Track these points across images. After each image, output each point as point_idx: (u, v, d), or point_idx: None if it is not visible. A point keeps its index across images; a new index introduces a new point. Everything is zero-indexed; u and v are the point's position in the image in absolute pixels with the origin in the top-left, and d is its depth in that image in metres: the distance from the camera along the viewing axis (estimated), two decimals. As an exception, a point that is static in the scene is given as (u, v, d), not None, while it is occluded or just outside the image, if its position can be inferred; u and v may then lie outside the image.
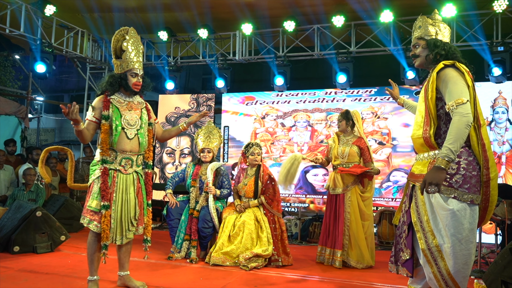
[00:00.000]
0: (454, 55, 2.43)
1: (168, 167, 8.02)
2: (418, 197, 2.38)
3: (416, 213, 2.38)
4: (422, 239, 2.33)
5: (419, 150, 2.46)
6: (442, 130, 2.36)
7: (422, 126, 2.39)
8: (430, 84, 2.36)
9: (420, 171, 2.39)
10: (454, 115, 2.23)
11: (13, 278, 3.53)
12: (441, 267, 2.27)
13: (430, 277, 2.33)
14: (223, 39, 7.76)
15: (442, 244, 2.27)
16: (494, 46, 6.20)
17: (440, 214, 2.28)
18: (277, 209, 4.53)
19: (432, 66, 2.49)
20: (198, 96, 8.13)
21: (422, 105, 2.43)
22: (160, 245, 5.15)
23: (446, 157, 2.16)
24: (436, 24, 2.51)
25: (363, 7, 6.41)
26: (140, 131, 3.21)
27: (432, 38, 2.48)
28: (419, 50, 2.52)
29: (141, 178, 3.28)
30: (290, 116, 7.48)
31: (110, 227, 3.06)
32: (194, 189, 4.65)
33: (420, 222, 2.35)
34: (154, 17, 7.19)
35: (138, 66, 3.21)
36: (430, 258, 2.30)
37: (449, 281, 2.26)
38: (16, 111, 8.87)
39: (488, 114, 6.40)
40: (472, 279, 3.87)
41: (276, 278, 3.85)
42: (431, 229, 2.30)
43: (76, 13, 7.16)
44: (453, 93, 2.27)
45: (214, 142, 4.78)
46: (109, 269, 3.59)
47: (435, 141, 2.35)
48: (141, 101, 3.33)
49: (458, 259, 2.24)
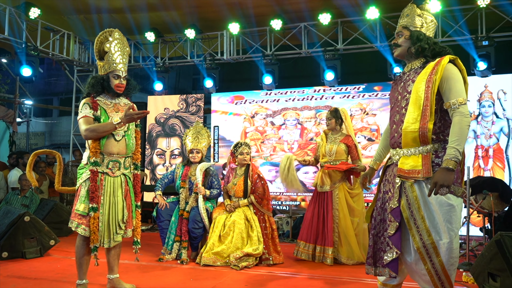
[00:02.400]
0: (442, 50, 2.39)
1: (158, 168, 8.00)
2: (411, 194, 2.32)
3: (408, 210, 2.33)
4: (417, 236, 2.29)
5: (407, 144, 2.35)
6: (437, 125, 2.31)
7: (419, 120, 2.28)
8: (437, 77, 2.26)
9: (413, 166, 2.31)
10: (455, 114, 2.22)
11: (2, 284, 3.50)
12: (435, 263, 2.26)
13: (423, 273, 2.32)
14: (210, 39, 7.75)
15: (438, 240, 2.25)
16: (479, 41, 6.25)
17: (441, 210, 2.25)
18: (267, 208, 4.53)
19: (412, 58, 2.44)
20: (187, 96, 8.11)
21: (420, 97, 2.30)
22: (150, 246, 5.13)
23: (455, 158, 2.15)
24: (424, 16, 2.42)
25: (349, 4, 6.43)
26: (127, 133, 3.19)
27: (417, 30, 2.39)
28: (402, 40, 2.44)
29: (129, 180, 3.25)
30: (279, 115, 7.49)
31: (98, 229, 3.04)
32: (184, 190, 4.65)
33: (414, 220, 2.31)
34: (141, 18, 7.16)
35: (120, 68, 3.16)
36: (425, 255, 2.28)
37: (442, 276, 2.27)
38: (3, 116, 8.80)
39: (475, 108, 6.46)
40: (461, 272, 3.91)
41: (267, 277, 3.86)
42: (426, 226, 2.27)
43: (61, 16, 7.10)
44: (455, 91, 2.24)
45: (202, 143, 4.77)
46: (99, 272, 3.58)
47: (431, 136, 2.30)
48: (127, 103, 3.30)
49: (453, 253, 2.25)
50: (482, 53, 6.22)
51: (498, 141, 6.36)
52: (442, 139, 2.31)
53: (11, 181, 6.36)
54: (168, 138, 8.02)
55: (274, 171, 7.41)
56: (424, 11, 2.43)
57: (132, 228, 3.25)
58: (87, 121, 3.07)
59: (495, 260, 3.00)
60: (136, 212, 3.28)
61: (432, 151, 2.30)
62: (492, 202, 4.45)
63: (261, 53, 7.31)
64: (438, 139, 2.31)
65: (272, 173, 7.42)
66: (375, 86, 6.92)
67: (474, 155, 6.44)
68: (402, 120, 2.38)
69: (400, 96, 2.45)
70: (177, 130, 7.99)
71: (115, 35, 3.19)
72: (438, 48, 2.38)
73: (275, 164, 7.42)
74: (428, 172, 2.26)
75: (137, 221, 3.28)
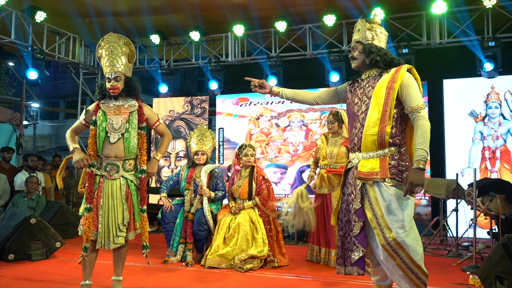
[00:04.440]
0: (392, 59, 2.55)
1: (163, 170, 8.01)
2: (370, 194, 2.45)
3: (371, 210, 2.45)
4: (380, 235, 2.40)
5: (366, 148, 2.48)
6: (393, 130, 2.44)
7: (378, 124, 2.43)
8: (396, 84, 2.43)
9: (371, 168, 2.44)
10: (417, 118, 2.38)
11: (8, 286, 3.52)
12: (403, 257, 2.36)
13: (395, 269, 2.40)
14: (215, 41, 7.77)
15: (398, 235, 2.36)
16: (485, 42, 6.21)
17: (401, 205, 2.39)
18: (272, 210, 4.52)
19: (368, 69, 2.60)
20: (192, 98, 8.12)
21: (379, 103, 2.45)
22: (156, 248, 5.13)
23: (424, 158, 2.32)
24: (373, 28, 2.57)
25: (354, 5, 6.41)
26: (125, 135, 3.17)
27: (368, 43, 2.55)
28: (356, 54, 2.60)
29: (131, 183, 3.20)
30: (284, 116, 7.49)
31: (92, 229, 3.09)
32: (189, 192, 4.65)
33: (376, 219, 2.42)
34: (146, 21, 7.19)
35: (109, 71, 3.18)
36: (391, 252, 2.38)
37: (414, 268, 2.37)
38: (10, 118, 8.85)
39: (482, 109, 6.42)
40: (468, 275, 3.88)
41: (272, 279, 3.85)
42: (386, 223, 2.38)
43: (66, 19, 7.15)
44: (414, 97, 2.41)
45: (207, 144, 4.78)
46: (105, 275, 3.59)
47: (388, 140, 2.44)
48: (133, 104, 3.28)
49: (414, 241, 2.37)
50: (488, 54, 6.18)
51: (505, 142, 6.30)
52: (398, 143, 2.45)
53: (17, 183, 6.40)
54: (173, 140, 8.04)
55: (279, 172, 7.41)
56: (373, 24, 2.59)
57: (133, 231, 3.20)
58: (75, 126, 3.30)
59: (502, 263, 2.98)
60: (141, 216, 3.22)
61: (389, 155, 2.44)
62: (499, 204, 4.41)
63: (265, 55, 7.31)
64: (394, 143, 2.44)
65: (277, 174, 7.41)
66: (380, 87, 6.88)
67: (481, 156, 6.40)
68: (362, 124, 2.52)
69: (360, 101, 2.57)
70: (182, 132, 8.01)
71: (106, 39, 3.22)
72: (388, 58, 2.54)
73: (280, 166, 7.42)
74: (385, 173, 2.41)
75: (142, 225, 3.21)
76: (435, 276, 4.00)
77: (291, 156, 7.38)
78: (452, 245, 5.20)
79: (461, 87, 6.61)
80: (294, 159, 7.36)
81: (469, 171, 6.29)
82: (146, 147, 3.29)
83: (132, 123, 3.21)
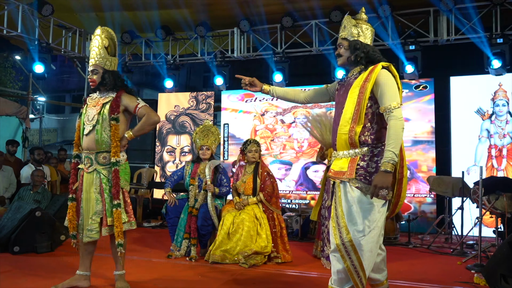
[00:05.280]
0: (374, 57, 2.50)
1: (168, 165, 8.03)
2: (337, 194, 2.45)
3: (335, 209, 2.45)
4: (337, 234, 2.40)
5: (340, 146, 2.48)
6: (366, 128, 2.41)
7: (350, 123, 2.41)
8: (369, 84, 2.39)
9: (340, 168, 2.44)
10: (390, 118, 2.32)
11: (13, 278, 3.55)
12: (354, 260, 2.35)
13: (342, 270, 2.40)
14: (221, 37, 7.75)
15: (355, 238, 2.34)
16: (493, 38, 6.15)
17: (361, 208, 2.35)
18: (276, 206, 4.52)
19: (354, 66, 2.56)
20: (197, 94, 8.12)
21: (353, 102, 2.43)
22: (160, 243, 5.16)
23: (392, 160, 2.25)
24: (359, 25, 2.55)
25: (361, 2, 6.37)
26: (96, 127, 3.12)
27: (354, 40, 2.52)
28: (342, 51, 2.58)
29: (104, 177, 3.11)
30: (289, 113, 7.47)
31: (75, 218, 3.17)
32: (193, 187, 4.65)
33: (337, 218, 2.42)
34: (152, 15, 7.18)
35: (91, 63, 3.21)
36: (344, 253, 2.37)
37: (360, 272, 2.36)
38: (16, 112, 8.90)
39: (489, 107, 6.37)
40: (472, 274, 3.86)
41: (276, 275, 3.85)
42: (345, 224, 2.37)
43: (73, 13, 7.16)
44: (389, 96, 2.35)
45: (212, 140, 4.78)
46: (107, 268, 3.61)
47: (358, 139, 2.41)
48: (110, 96, 3.19)
49: (368, 247, 2.34)
50: (496, 51, 6.12)
51: (512, 140, 6.25)
52: (371, 143, 2.41)
53: (23, 176, 6.44)
54: (178, 135, 8.05)
55: (284, 169, 7.40)
56: (359, 20, 2.58)
57: (106, 227, 3.09)
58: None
59: (508, 262, 2.96)
60: (114, 211, 3.07)
61: (360, 155, 2.41)
62: (506, 203, 4.38)
63: (271, 50, 7.29)
64: (366, 143, 2.40)
65: (281, 171, 7.40)
66: (386, 84, 6.84)
67: (487, 154, 6.35)
68: (337, 123, 2.52)
69: (342, 99, 2.55)
70: (187, 127, 8.02)
71: (95, 32, 3.22)
72: (370, 55, 2.50)
73: (284, 162, 7.41)
74: (351, 174, 2.38)
75: (117, 221, 3.06)
76: (439, 274, 3.99)
77: (296, 153, 7.37)
78: (457, 244, 5.17)
79: (468, 85, 6.56)
80: (299, 156, 7.35)
81: (475, 169, 6.25)
82: (119, 139, 3.12)
83: (103, 114, 3.14)
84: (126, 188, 3.20)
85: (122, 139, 3.15)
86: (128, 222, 3.17)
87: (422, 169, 6.58)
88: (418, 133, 6.65)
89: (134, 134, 3.18)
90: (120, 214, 3.09)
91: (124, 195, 3.18)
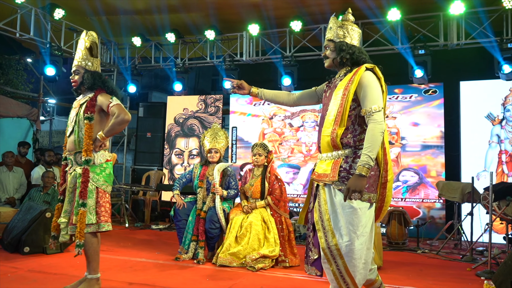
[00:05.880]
0: (359, 58, 2.48)
1: (177, 168, 8.07)
2: (321, 196, 2.42)
3: (318, 212, 2.42)
4: (323, 238, 2.37)
5: (324, 149, 2.47)
6: (349, 130, 2.40)
7: (332, 125, 2.40)
8: (352, 86, 2.37)
9: (324, 170, 2.43)
10: (369, 121, 2.30)
11: (23, 279, 3.58)
12: (339, 265, 2.33)
13: (329, 273, 2.39)
14: (230, 40, 7.78)
15: (341, 242, 2.32)
16: (504, 43, 6.11)
17: (343, 212, 2.33)
18: (284, 210, 4.52)
19: (340, 68, 2.55)
20: (206, 97, 8.16)
21: (337, 104, 2.41)
22: (167, 245, 5.18)
23: (367, 164, 2.24)
24: (345, 26, 2.53)
25: (369, 6, 6.36)
26: (74, 128, 3.14)
27: (340, 41, 2.50)
28: (328, 52, 2.56)
29: (79, 176, 3.05)
30: (298, 116, 7.47)
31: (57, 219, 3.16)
32: (201, 190, 4.67)
33: (321, 221, 2.39)
34: (162, 19, 7.24)
35: (74, 64, 3.24)
36: (330, 257, 2.35)
37: (347, 278, 2.33)
38: (27, 114, 9.01)
39: (499, 112, 6.32)
40: (482, 280, 3.82)
41: (283, 279, 3.84)
42: (331, 228, 2.35)
43: (84, 16, 7.24)
44: (370, 98, 2.32)
45: (220, 143, 4.80)
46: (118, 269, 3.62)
47: (340, 141, 2.39)
48: (88, 96, 3.19)
49: (355, 254, 2.30)
50: (507, 56, 6.08)
51: (522, 146, 6.19)
52: (353, 145, 2.39)
53: (34, 177, 6.51)
54: (187, 138, 8.09)
55: (292, 172, 7.39)
56: (345, 21, 2.56)
57: (71, 226, 3.04)
58: None
59: (519, 269, 2.92)
60: (79, 210, 2.97)
61: (343, 157, 2.38)
62: (516, 209, 4.33)
63: (280, 54, 7.30)
64: (349, 145, 2.39)
65: (289, 174, 7.40)
66: (395, 88, 6.83)
67: (497, 160, 6.29)
68: (321, 124, 2.52)
69: (327, 101, 2.54)
70: (195, 130, 8.05)
71: (80, 36, 3.29)
72: (356, 56, 2.47)
73: (292, 166, 7.40)
74: (334, 176, 2.36)
75: (80, 220, 2.95)
76: (449, 280, 3.95)
77: (304, 156, 7.36)
78: (466, 250, 5.12)
79: (478, 89, 6.51)
80: (307, 160, 7.34)
81: (485, 174, 6.19)
82: (91, 137, 3.06)
83: (79, 115, 3.14)
84: (104, 189, 3.11)
85: (95, 140, 3.08)
86: (96, 223, 3.03)
87: (431, 174, 6.54)
88: (427, 137, 6.61)
89: (105, 134, 3.08)
90: (85, 213, 2.98)
91: (99, 196, 3.07)
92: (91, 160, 3.06)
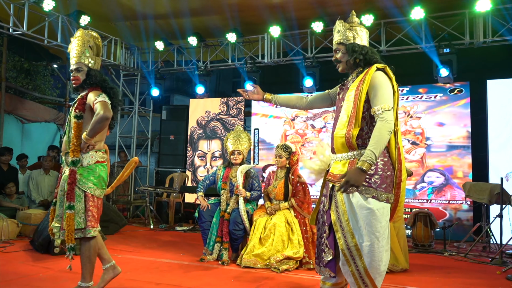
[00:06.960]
0: (372, 58, 2.48)
1: (199, 170, 8.14)
2: (338, 197, 2.39)
3: (336, 213, 2.40)
4: (342, 239, 2.36)
5: (338, 150, 2.47)
6: (364, 131, 2.39)
7: (346, 126, 2.40)
8: (364, 86, 2.37)
9: (340, 171, 2.41)
10: (378, 120, 2.30)
11: (54, 278, 3.69)
12: (359, 265, 2.31)
13: (348, 274, 2.36)
14: (251, 42, 7.81)
15: (361, 243, 2.30)
16: (533, 40, 5.94)
17: (360, 213, 2.31)
18: (307, 212, 4.51)
19: (353, 69, 2.54)
20: (228, 99, 8.21)
21: (350, 105, 2.42)
22: (192, 247, 5.24)
23: (369, 160, 2.22)
24: (353, 28, 2.53)
25: (393, 5, 6.29)
26: (66, 128, 3.05)
27: (351, 43, 2.50)
28: (340, 55, 2.56)
29: (66, 179, 2.94)
30: (320, 118, 7.43)
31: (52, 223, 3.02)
32: (225, 191, 4.71)
33: (340, 222, 2.37)
34: (184, 23, 7.33)
35: (74, 62, 3.07)
36: (349, 257, 2.33)
37: (366, 278, 2.31)
38: (55, 118, 9.28)
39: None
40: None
41: (308, 281, 3.83)
42: (350, 228, 2.33)
43: (108, 22, 7.40)
44: (381, 98, 2.32)
45: (243, 145, 4.82)
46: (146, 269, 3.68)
47: (356, 142, 2.37)
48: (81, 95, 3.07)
49: (375, 256, 2.29)
50: (536, 53, 5.89)
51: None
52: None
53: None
54: (209, 140, 8.15)
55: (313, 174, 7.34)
56: (352, 23, 2.55)
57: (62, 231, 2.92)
58: None
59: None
60: (66, 213, 2.86)
61: (358, 157, 2.37)
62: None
63: (302, 55, 7.29)
64: (365, 145, 2.36)
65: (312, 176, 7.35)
66: (419, 88, 6.72)
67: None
68: (335, 126, 2.53)
69: (341, 103, 2.55)
70: (218, 132, 8.11)
71: (75, 34, 3.16)
72: (368, 57, 2.48)
73: (315, 167, 7.36)
74: None
75: (68, 223, 2.84)
76: (477, 284, 3.87)
77: (326, 158, 7.31)
78: (495, 252, 4.99)
79: (505, 88, 6.34)
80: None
81: (514, 175, 6.02)
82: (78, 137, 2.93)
83: (71, 114, 3.02)
84: (92, 193, 2.95)
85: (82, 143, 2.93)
86: (85, 228, 2.92)
87: (457, 175, 6.40)
88: (453, 138, 6.48)
89: (88, 134, 2.88)
90: (72, 216, 2.85)
91: (88, 199, 2.93)
92: (79, 161, 2.91)
